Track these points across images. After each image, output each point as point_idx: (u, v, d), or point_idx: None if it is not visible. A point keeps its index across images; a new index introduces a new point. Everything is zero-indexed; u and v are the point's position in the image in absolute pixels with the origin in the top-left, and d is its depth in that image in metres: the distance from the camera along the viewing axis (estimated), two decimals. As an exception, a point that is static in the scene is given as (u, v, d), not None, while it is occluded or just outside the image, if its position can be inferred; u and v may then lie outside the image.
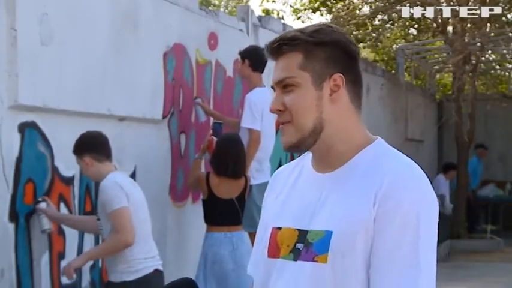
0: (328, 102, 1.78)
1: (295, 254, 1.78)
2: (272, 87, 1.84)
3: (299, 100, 1.77)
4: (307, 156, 1.88)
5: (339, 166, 1.79)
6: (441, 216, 9.92)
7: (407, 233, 1.68)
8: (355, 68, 1.81)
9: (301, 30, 1.79)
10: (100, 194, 4.35)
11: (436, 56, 15.72)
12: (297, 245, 1.78)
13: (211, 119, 6.54)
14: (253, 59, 6.10)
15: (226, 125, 6.26)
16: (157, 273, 4.43)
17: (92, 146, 4.41)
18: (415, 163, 1.79)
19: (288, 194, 1.87)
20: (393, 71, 15.13)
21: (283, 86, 1.79)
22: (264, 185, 6.24)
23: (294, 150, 1.81)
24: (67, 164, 4.76)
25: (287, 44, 1.78)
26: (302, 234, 1.78)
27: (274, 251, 1.83)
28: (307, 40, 1.77)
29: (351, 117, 1.81)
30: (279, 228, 1.83)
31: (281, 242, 1.82)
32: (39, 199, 4.50)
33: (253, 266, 1.95)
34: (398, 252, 1.68)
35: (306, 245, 1.76)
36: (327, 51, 1.78)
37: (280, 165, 8.00)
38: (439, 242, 9.46)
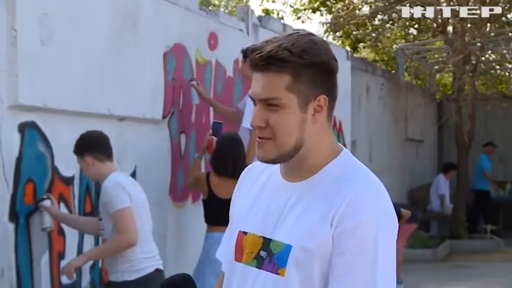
0: (310, 123, 1.79)
1: (259, 262, 1.81)
2: (251, 98, 1.81)
3: (284, 121, 1.77)
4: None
5: (307, 177, 1.82)
6: (441, 216, 9.91)
7: (365, 254, 1.71)
8: (334, 85, 1.83)
9: (289, 49, 1.75)
10: (102, 194, 4.35)
11: (436, 56, 15.72)
12: (261, 252, 1.81)
13: (211, 118, 6.54)
14: None
15: (221, 116, 6.26)
16: (158, 273, 4.43)
17: (93, 145, 4.41)
18: (376, 179, 1.81)
19: (256, 196, 1.90)
20: (393, 71, 15.14)
21: (268, 104, 1.78)
22: None
23: (270, 163, 1.83)
24: (67, 164, 4.76)
25: (276, 64, 1.75)
26: (266, 243, 1.81)
27: (239, 255, 1.87)
28: (297, 62, 1.75)
29: (326, 133, 1.83)
30: (245, 233, 1.87)
31: (245, 247, 1.85)
32: (44, 196, 4.50)
33: (221, 254, 2.00)
34: (356, 273, 1.70)
35: (269, 255, 1.80)
36: (314, 72, 1.77)
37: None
38: (439, 242, 9.41)
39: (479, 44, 12.45)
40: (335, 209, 1.73)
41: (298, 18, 16.40)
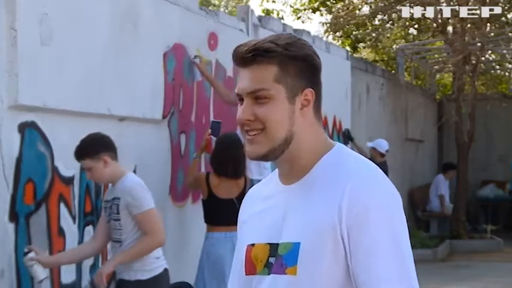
0: (298, 116, 1.79)
1: (269, 268, 1.80)
2: (238, 95, 1.81)
3: (274, 113, 1.77)
4: (276, 173, 1.90)
5: (302, 176, 1.81)
6: (441, 216, 9.93)
7: (384, 231, 1.71)
8: (319, 81, 1.84)
9: (274, 42, 1.78)
10: (124, 194, 4.29)
11: (436, 56, 15.71)
12: (270, 259, 1.80)
13: (211, 118, 6.54)
14: None
15: (221, 95, 6.34)
16: (166, 272, 4.48)
17: (107, 144, 4.38)
18: (372, 163, 1.82)
19: (259, 210, 1.89)
20: (393, 71, 15.13)
21: (256, 97, 1.78)
22: None
23: (262, 159, 1.82)
24: (67, 164, 4.76)
25: (262, 55, 1.77)
26: (273, 248, 1.80)
27: (250, 268, 1.85)
28: (283, 53, 1.77)
29: (315, 129, 1.83)
30: (253, 245, 1.85)
31: (255, 259, 1.84)
32: (25, 249, 4.30)
33: (232, 284, 1.96)
34: (381, 250, 1.70)
35: (277, 259, 1.78)
36: (299, 65, 1.79)
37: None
38: (439, 242, 9.41)
39: (479, 44, 12.44)
40: (339, 199, 1.72)
41: (298, 18, 16.39)
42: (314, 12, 16.23)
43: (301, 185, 1.81)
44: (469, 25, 12.13)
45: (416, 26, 15.47)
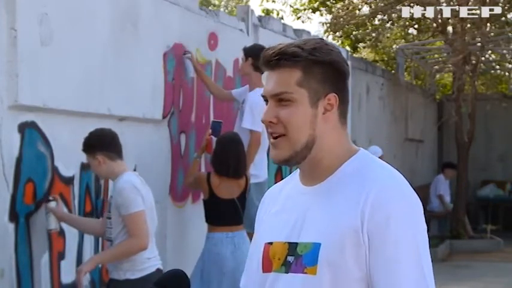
0: (321, 121, 1.82)
1: (287, 267, 1.82)
2: (264, 97, 1.85)
3: (295, 116, 1.80)
4: (296, 173, 1.93)
5: (325, 178, 1.84)
6: (442, 216, 9.95)
7: (405, 241, 1.73)
8: (346, 87, 1.87)
9: (300, 46, 1.81)
10: (116, 194, 4.33)
11: (436, 56, 15.71)
12: (288, 257, 1.82)
13: (211, 118, 6.54)
14: (257, 58, 6.08)
15: (212, 92, 6.42)
16: (159, 273, 4.45)
17: (104, 143, 4.40)
18: (396, 171, 1.84)
19: (278, 209, 1.91)
20: (393, 71, 15.13)
21: (279, 99, 1.82)
22: (262, 184, 6.26)
23: (285, 163, 1.85)
24: (67, 164, 4.76)
25: (288, 59, 1.80)
26: (292, 247, 1.82)
27: (267, 266, 1.87)
28: (308, 58, 1.80)
29: (338, 134, 1.86)
30: (271, 243, 1.87)
31: (273, 256, 1.86)
32: (50, 197, 4.51)
33: (245, 280, 1.98)
34: (401, 260, 1.72)
35: (295, 258, 1.80)
36: (324, 70, 1.82)
37: (279, 169, 8.00)
38: (439, 242, 9.41)
39: (479, 44, 12.44)
40: (362, 204, 1.75)
41: (298, 18, 16.39)
42: (314, 12, 16.23)
43: (323, 187, 1.83)
44: (469, 25, 12.13)
45: (416, 26, 15.47)
